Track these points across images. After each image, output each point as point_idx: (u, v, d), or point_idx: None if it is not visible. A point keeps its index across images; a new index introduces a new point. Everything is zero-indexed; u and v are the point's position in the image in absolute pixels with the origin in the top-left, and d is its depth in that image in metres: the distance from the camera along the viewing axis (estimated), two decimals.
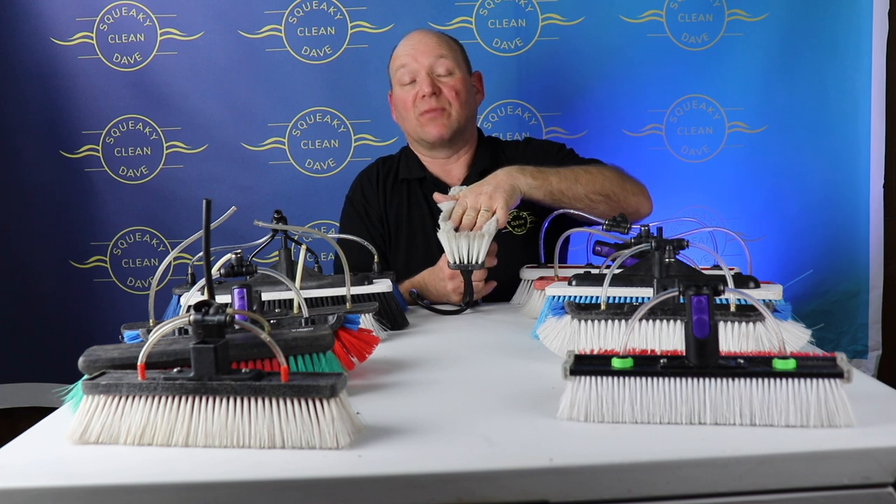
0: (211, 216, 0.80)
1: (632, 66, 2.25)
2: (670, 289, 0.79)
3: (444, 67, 1.78)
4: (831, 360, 0.75)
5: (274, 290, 1.24)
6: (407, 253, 1.82)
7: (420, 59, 1.78)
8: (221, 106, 2.24)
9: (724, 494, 0.68)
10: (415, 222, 1.83)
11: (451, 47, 1.82)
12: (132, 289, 2.28)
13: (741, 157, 2.28)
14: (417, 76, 1.78)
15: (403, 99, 1.81)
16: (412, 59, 1.78)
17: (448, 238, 1.42)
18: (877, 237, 2.29)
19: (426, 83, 1.76)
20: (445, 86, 1.78)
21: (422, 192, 1.85)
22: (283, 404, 0.73)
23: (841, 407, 0.73)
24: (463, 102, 1.80)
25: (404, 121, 1.85)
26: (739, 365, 0.75)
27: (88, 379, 0.78)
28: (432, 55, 1.78)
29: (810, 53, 2.24)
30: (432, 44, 1.80)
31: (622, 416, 0.76)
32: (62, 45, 2.21)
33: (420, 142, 1.84)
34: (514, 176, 1.54)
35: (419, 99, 1.77)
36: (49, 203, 2.25)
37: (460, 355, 1.12)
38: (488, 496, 0.67)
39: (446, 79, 1.78)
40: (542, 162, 1.77)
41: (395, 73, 1.83)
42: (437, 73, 1.78)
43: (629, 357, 0.77)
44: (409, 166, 1.87)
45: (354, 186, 1.92)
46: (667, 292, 0.80)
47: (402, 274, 1.68)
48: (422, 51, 1.78)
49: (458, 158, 1.87)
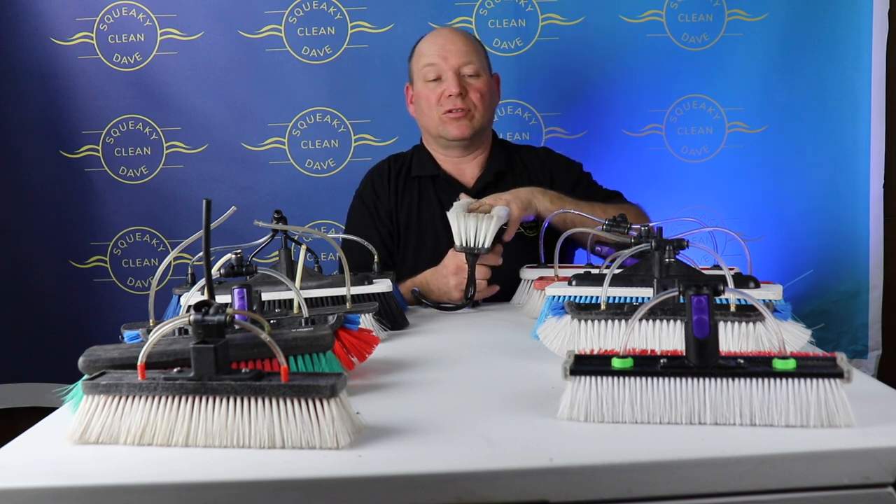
0: (211, 216, 0.80)
1: (632, 66, 2.25)
2: (670, 289, 0.79)
3: (471, 69, 1.79)
4: (831, 361, 0.75)
5: (274, 290, 1.24)
6: (415, 251, 1.81)
7: (449, 59, 1.78)
8: (221, 106, 2.24)
9: (724, 494, 0.68)
10: (425, 220, 1.83)
11: (478, 50, 1.84)
12: (132, 289, 2.28)
13: (741, 157, 2.28)
14: (444, 75, 1.78)
15: (427, 96, 1.80)
16: (441, 59, 1.78)
17: (457, 217, 1.44)
18: (877, 237, 2.29)
19: (454, 84, 1.76)
20: (472, 88, 1.79)
21: (434, 189, 1.85)
22: (283, 404, 0.73)
23: (841, 407, 0.73)
24: (487, 105, 1.82)
25: (424, 117, 1.84)
26: (739, 365, 0.75)
27: (88, 379, 0.78)
28: (462, 57, 1.78)
29: (810, 53, 2.24)
30: (461, 45, 1.80)
31: (622, 416, 0.76)
32: (62, 45, 2.21)
33: (438, 139, 1.84)
34: (534, 194, 1.60)
35: (444, 98, 1.78)
36: (49, 203, 2.25)
37: (460, 355, 1.12)
38: (488, 496, 0.67)
39: (473, 80, 1.79)
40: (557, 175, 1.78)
41: (419, 69, 1.82)
42: (464, 73, 1.78)
43: (629, 357, 0.77)
44: (422, 163, 1.87)
45: (365, 182, 1.91)
46: (667, 292, 0.80)
47: (408, 272, 1.68)
48: (452, 51, 1.78)
49: (474, 158, 1.87)
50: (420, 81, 1.82)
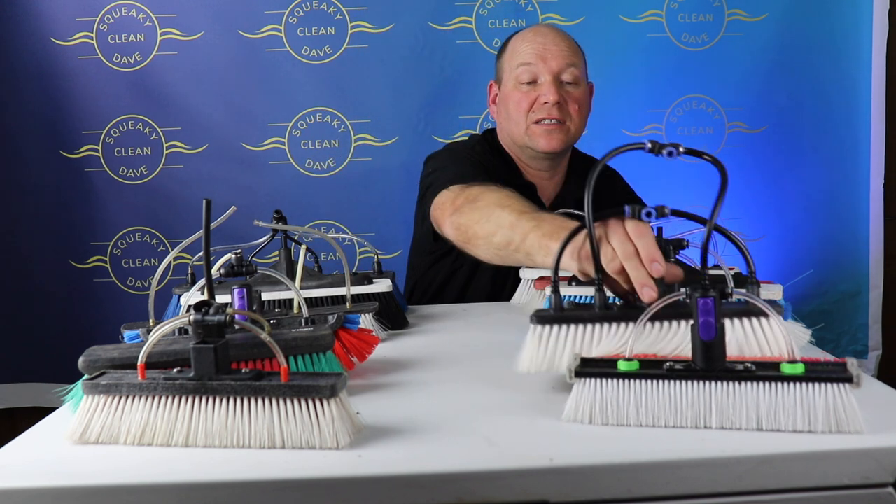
0: (211, 216, 0.80)
1: (632, 66, 2.25)
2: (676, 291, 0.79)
3: (572, 75, 1.62)
4: (841, 366, 0.73)
5: (274, 290, 1.24)
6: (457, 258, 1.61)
7: (550, 61, 1.61)
8: (221, 106, 2.24)
9: (724, 494, 0.68)
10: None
11: (580, 55, 1.68)
12: (132, 289, 2.28)
13: (741, 157, 2.28)
14: (541, 79, 1.61)
15: (518, 100, 1.63)
16: (540, 60, 1.61)
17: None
18: (877, 237, 2.29)
19: (552, 91, 1.59)
20: (570, 96, 1.62)
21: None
22: (283, 404, 0.73)
23: (851, 413, 0.71)
24: (584, 117, 1.66)
25: (511, 122, 1.66)
26: (747, 368, 0.74)
27: (88, 379, 0.78)
28: (563, 60, 1.61)
29: (810, 53, 2.24)
30: (564, 47, 1.63)
31: (627, 419, 0.75)
32: (62, 45, 2.21)
33: (524, 149, 1.67)
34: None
35: (539, 105, 1.61)
36: (49, 203, 2.25)
37: (460, 355, 1.12)
38: (488, 496, 0.67)
39: (572, 89, 1.63)
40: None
41: (513, 68, 1.65)
42: (563, 80, 1.62)
43: (635, 360, 0.77)
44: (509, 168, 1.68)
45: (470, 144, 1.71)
46: (673, 295, 0.79)
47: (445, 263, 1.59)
48: (553, 53, 1.61)
49: (554, 176, 1.72)
50: (511, 82, 1.64)
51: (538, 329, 0.88)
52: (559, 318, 0.87)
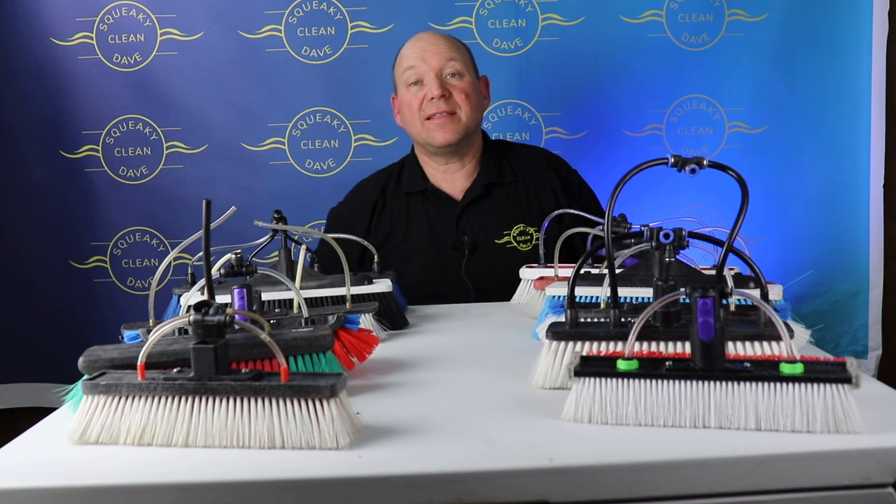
0: (211, 216, 0.80)
1: (632, 66, 2.25)
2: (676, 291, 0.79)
3: (453, 68, 1.72)
4: (840, 366, 0.73)
5: (274, 290, 1.24)
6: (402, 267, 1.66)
7: (429, 60, 1.72)
8: (221, 106, 2.24)
9: (724, 494, 0.68)
10: (414, 235, 1.76)
11: (461, 49, 1.77)
12: (132, 289, 2.28)
13: (741, 157, 2.28)
14: (425, 78, 1.72)
15: (409, 101, 1.74)
16: (421, 61, 1.72)
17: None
18: (877, 237, 2.29)
19: (435, 85, 1.70)
20: (455, 88, 1.72)
21: (423, 204, 1.78)
22: (283, 404, 0.73)
23: (850, 413, 0.71)
24: (473, 106, 1.74)
25: (409, 125, 1.78)
26: (745, 368, 0.74)
27: (88, 379, 0.78)
28: (442, 57, 1.72)
29: (810, 53, 2.24)
30: (442, 45, 1.74)
31: (626, 418, 0.76)
32: (62, 45, 2.21)
33: (425, 146, 1.78)
34: None
35: (427, 102, 1.72)
36: (49, 203, 2.25)
37: (460, 355, 1.12)
38: (488, 496, 0.67)
39: (456, 81, 1.73)
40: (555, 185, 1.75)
41: (401, 74, 1.77)
42: (446, 74, 1.72)
43: (634, 359, 0.77)
44: (411, 177, 1.80)
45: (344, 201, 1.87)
46: (672, 294, 0.79)
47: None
48: (431, 52, 1.72)
49: (463, 167, 1.80)
50: (402, 87, 1.76)
51: (553, 345, 0.89)
52: (574, 334, 0.89)
